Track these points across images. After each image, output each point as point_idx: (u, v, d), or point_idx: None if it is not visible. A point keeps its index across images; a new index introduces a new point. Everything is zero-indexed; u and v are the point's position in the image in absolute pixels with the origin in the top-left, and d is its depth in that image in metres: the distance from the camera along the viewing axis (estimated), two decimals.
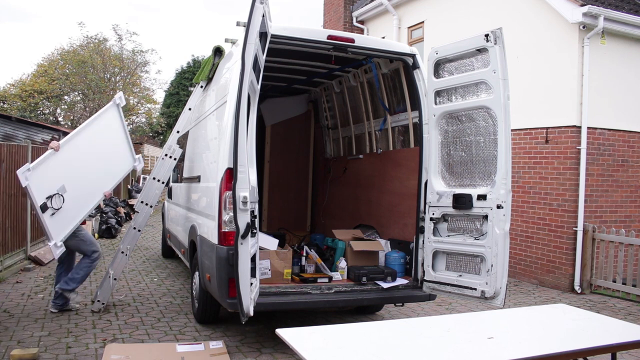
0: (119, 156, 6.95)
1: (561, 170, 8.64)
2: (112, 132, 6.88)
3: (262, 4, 4.30)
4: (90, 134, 6.47)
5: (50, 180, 5.83)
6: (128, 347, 4.97)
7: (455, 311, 6.93)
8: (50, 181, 5.83)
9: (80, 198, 6.14)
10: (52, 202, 5.73)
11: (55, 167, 5.93)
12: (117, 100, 6.95)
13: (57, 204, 5.78)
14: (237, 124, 4.21)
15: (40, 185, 5.71)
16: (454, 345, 3.02)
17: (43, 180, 5.76)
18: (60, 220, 5.87)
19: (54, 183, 5.85)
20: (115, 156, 6.89)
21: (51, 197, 5.74)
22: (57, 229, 5.82)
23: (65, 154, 6.03)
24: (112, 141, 6.87)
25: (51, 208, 5.70)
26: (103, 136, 6.70)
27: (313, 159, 8.75)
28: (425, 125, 5.52)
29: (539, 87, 9.01)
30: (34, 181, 5.68)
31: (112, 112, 6.89)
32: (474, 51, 4.94)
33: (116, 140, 6.93)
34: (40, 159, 5.81)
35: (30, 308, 6.33)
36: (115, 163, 6.85)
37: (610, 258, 8.24)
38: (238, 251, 4.22)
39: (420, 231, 5.47)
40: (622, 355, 5.31)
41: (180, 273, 8.73)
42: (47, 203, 5.69)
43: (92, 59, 26.34)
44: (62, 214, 5.86)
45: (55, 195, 5.77)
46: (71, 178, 6.03)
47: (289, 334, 3.01)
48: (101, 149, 6.60)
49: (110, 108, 6.86)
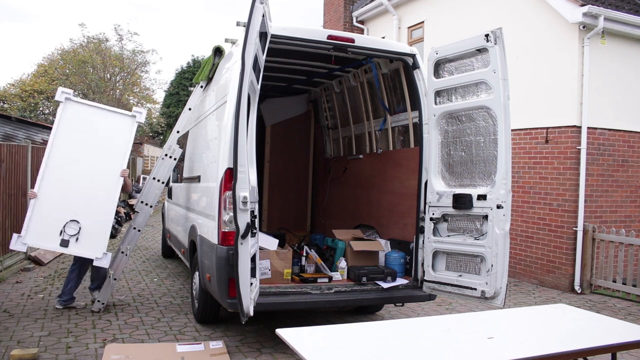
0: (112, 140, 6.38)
1: (561, 170, 8.64)
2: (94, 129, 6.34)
3: (262, 4, 4.30)
4: (62, 140, 6.11)
5: (51, 220, 5.81)
6: (128, 347, 4.97)
7: (455, 311, 6.93)
8: (53, 219, 5.82)
9: (95, 203, 6.01)
10: (66, 232, 5.76)
11: (47, 206, 5.85)
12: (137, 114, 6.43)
13: (72, 230, 5.80)
14: (237, 124, 4.21)
15: (43, 233, 5.75)
16: (454, 345, 3.02)
17: (43, 227, 5.78)
18: (89, 237, 5.88)
19: (58, 217, 5.83)
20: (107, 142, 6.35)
21: (62, 231, 5.76)
22: (91, 246, 5.87)
23: (50, 179, 5.91)
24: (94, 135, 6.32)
25: (70, 237, 5.74)
26: (81, 134, 6.22)
27: (313, 159, 8.75)
28: (425, 125, 5.52)
29: (539, 87, 9.01)
30: (33, 239, 5.75)
31: (123, 121, 6.42)
32: (474, 51, 4.94)
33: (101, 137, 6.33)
34: (27, 217, 5.80)
35: (30, 308, 6.33)
36: (110, 146, 6.32)
37: (610, 258, 8.24)
38: (238, 251, 4.22)
39: (420, 231, 5.47)
40: (622, 355, 5.31)
41: (180, 273, 8.73)
42: (63, 238, 5.73)
43: (92, 59, 26.34)
44: (86, 232, 5.87)
45: (65, 225, 5.79)
46: (73, 195, 5.93)
47: (289, 334, 3.01)
48: (86, 145, 6.19)
49: (122, 117, 6.43)
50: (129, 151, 6.35)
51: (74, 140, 6.13)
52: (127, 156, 6.35)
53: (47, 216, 5.85)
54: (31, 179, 9.11)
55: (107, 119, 6.37)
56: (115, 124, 6.34)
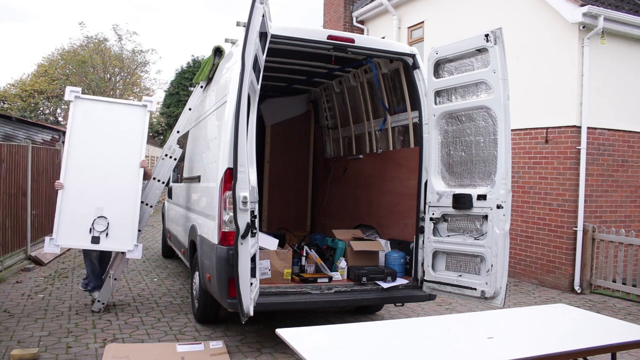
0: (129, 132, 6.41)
1: (561, 170, 8.65)
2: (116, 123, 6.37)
3: (262, 4, 4.30)
4: (78, 138, 6.14)
5: (79, 219, 5.87)
6: (128, 347, 4.97)
7: (455, 311, 6.93)
8: (80, 219, 5.87)
9: (119, 196, 6.06)
10: (95, 229, 5.82)
11: (73, 203, 5.92)
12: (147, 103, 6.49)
13: (101, 226, 5.85)
14: (237, 124, 4.21)
15: (73, 232, 5.81)
16: (454, 345, 3.02)
17: (73, 226, 5.84)
18: (118, 231, 5.93)
19: (86, 214, 5.88)
20: (124, 134, 6.39)
21: (92, 227, 5.81)
22: (121, 240, 5.92)
23: (73, 179, 5.98)
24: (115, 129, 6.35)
25: (100, 234, 5.80)
26: (103, 128, 6.27)
27: (313, 159, 8.75)
28: (425, 125, 5.52)
29: (539, 87, 9.01)
30: (64, 239, 5.81)
31: (135, 112, 6.45)
32: (474, 51, 4.94)
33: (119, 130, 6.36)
34: (56, 218, 5.85)
35: (30, 308, 6.33)
36: (126, 138, 6.35)
37: (610, 258, 8.24)
38: (238, 251, 4.23)
39: (420, 231, 5.47)
40: (622, 355, 5.31)
41: (180, 273, 8.73)
42: (94, 235, 5.78)
43: (92, 59, 26.34)
44: (115, 226, 5.93)
45: (94, 221, 5.85)
46: (97, 191, 5.99)
47: (289, 334, 3.01)
48: (106, 139, 6.23)
49: (135, 108, 6.48)
50: (145, 141, 6.39)
51: (90, 137, 6.19)
52: (144, 146, 6.38)
53: (75, 215, 5.90)
54: (31, 179, 9.13)
55: (119, 112, 6.45)
56: (127, 116, 6.40)
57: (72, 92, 6.23)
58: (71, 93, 6.22)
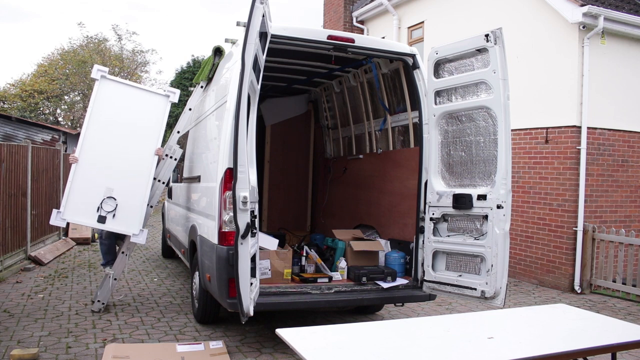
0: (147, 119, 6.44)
1: (561, 170, 8.65)
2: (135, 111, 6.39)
3: (262, 4, 4.30)
4: (98, 118, 6.19)
5: (88, 197, 5.88)
6: (128, 347, 4.97)
7: (455, 311, 6.93)
8: (90, 196, 5.89)
9: (131, 180, 6.08)
10: (103, 209, 5.83)
11: (85, 180, 5.94)
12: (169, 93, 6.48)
13: (109, 207, 5.86)
14: (237, 124, 4.21)
15: (81, 209, 5.81)
16: (454, 345, 3.03)
17: (81, 203, 5.85)
18: (125, 213, 5.96)
19: (95, 193, 5.90)
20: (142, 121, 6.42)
21: (99, 207, 5.82)
22: (128, 223, 5.95)
23: (88, 157, 6.01)
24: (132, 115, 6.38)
25: (107, 213, 5.81)
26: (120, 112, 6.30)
27: (313, 159, 8.75)
28: (425, 125, 5.52)
29: (539, 87, 9.01)
30: (71, 215, 5.80)
31: (157, 100, 6.47)
32: (474, 51, 4.94)
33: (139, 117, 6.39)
34: (66, 191, 5.88)
35: (30, 308, 6.33)
36: (145, 125, 6.38)
37: (610, 258, 8.24)
38: (238, 251, 4.23)
39: (420, 231, 5.47)
40: (622, 355, 5.31)
41: (180, 273, 8.73)
42: (100, 214, 5.79)
43: (92, 59, 26.31)
44: (123, 208, 5.94)
45: (102, 201, 5.86)
46: (110, 172, 6.02)
47: (289, 334, 3.01)
48: (123, 121, 6.26)
49: (155, 97, 6.49)
50: (162, 130, 6.45)
51: (110, 118, 6.22)
52: (161, 135, 6.43)
53: (85, 192, 5.93)
54: (31, 179, 9.12)
55: (142, 98, 6.49)
56: (149, 103, 6.45)
57: (99, 71, 6.29)
58: (98, 72, 6.29)
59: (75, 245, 11.31)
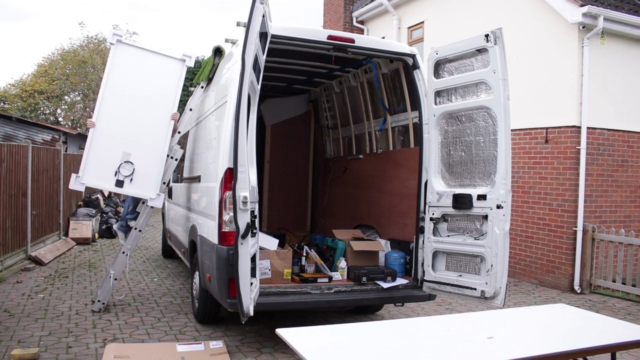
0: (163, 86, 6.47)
1: (561, 170, 8.65)
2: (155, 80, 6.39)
3: (263, 4, 4.30)
4: (114, 83, 6.19)
5: (106, 161, 5.94)
6: (128, 347, 4.98)
7: (455, 311, 6.93)
8: (107, 161, 5.95)
9: (147, 145, 6.14)
10: (121, 173, 5.90)
11: (102, 145, 5.98)
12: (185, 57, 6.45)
13: (127, 171, 5.93)
14: (237, 124, 4.22)
15: (99, 174, 5.87)
16: (453, 345, 3.03)
17: (99, 168, 5.91)
18: (142, 178, 6.03)
19: (113, 158, 5.95)
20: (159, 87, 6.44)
21: (117, 171, 5.88)
22: (145, 187, 6.04)
23: (104, 122, 6.05)
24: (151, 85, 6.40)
25: (125, 177, 5.88)
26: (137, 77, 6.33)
27: (313, 159, 8.75)
28: (425, 126, 5.52)
29: (538, 87, 9.01)
30: (90, 179, 5.85)
31: (173, 65, 6.45)
32: (474, 51, 4.94)
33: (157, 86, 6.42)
34: (84, 156, 5.93)
35: (30, 308, 6.34)
36: (161, 89, 6.41)
37: (610, 258, 8.24)
38: (238, 251, 4.23)
39: (420, 231, 5.48)
40: (622, 355, 5.32)
41: (180, 273, 8.74)
42: (118, 179, 5.85)
43: (92, 59, 26.32)
44: (140, 172, 6.01)
45: (120, 166, 5.91)
46: (126, 137, 6.06)
47: (288, 334, 3.01)
48: (140, 88, 6.31)
49: (171, 61, 6.45)
50: (179, 95, 6.49)
51: (126, 82, 6.24)
52: (177, 99, 6.45)
53: (102, 156, 5.99)
54: (31, 179, 9.13)
55: (158, 62, 6.50)
56: (165, 67, 6.47)
57: (115, 36, 6.29)
58: (114, 36, 6.29)
59: (76, 245, 11.31)
